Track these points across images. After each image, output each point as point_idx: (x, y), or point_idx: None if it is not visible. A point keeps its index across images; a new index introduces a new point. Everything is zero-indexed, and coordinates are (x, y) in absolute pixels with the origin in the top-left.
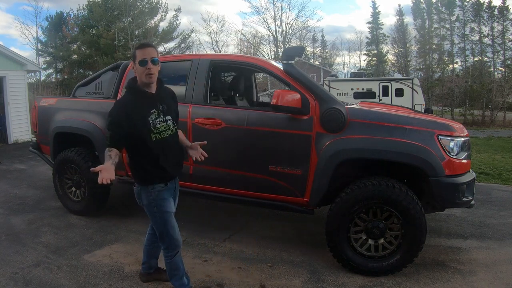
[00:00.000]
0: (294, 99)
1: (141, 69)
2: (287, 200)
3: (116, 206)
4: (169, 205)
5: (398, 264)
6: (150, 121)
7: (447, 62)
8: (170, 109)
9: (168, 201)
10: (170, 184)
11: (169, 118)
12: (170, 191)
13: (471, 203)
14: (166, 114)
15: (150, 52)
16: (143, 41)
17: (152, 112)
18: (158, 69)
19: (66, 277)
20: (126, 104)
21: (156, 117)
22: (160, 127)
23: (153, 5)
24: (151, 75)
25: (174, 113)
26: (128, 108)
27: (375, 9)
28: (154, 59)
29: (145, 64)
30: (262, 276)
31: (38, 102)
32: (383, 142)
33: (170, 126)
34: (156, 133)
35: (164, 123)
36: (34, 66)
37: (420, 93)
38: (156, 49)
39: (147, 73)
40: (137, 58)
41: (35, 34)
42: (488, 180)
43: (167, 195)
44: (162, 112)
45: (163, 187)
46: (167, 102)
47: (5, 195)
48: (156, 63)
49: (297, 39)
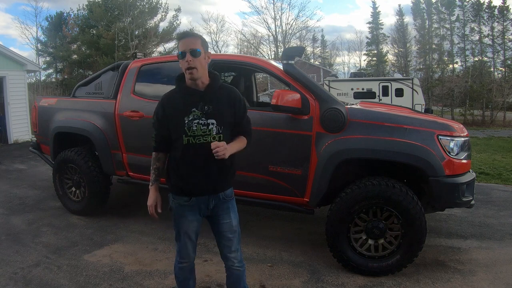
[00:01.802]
0: (294, 99)
1: (181, 62)
2: (287, 200)
3: (116, 206)
4: (184, 224)
5: (398, 264)
6: (185, 121)
7: (447, 62)
8: (219, 112)
9: (185, 220)
10: (197, 201)
11: (213, 122)
12: (193, 210)
13: (471, 203)
14: (210, 117)
15: (190, 43)
16: (185, 30)
17: (192, 111)
18: (202, 62)
19: (66, 277)
20: (167, 98)
21: (194, 118)
22: (196, 130)
23: (153, 5)
24: (192, 70)
25: (223, 118)
26: (166, 102)
27: (375, 9)
28: (194, 50)
29: (184, 56)
30: (262, 276)
31: (38, 102)
32: (383, 142)
33: (213, 132)
34: (189, 135)
35: (204, 127)
36: (34, 66)
37: (420, 93)
38: (199, 38)
39: (186, 67)
40: (178, 50)
41: (35, 34)
42: (488, 180)
43: (187, 213)
44: (205, 114)
45: (186, 202)
46: (216, 103)
47: (5, 195)
48: (197, 55)
49: (297, 39)
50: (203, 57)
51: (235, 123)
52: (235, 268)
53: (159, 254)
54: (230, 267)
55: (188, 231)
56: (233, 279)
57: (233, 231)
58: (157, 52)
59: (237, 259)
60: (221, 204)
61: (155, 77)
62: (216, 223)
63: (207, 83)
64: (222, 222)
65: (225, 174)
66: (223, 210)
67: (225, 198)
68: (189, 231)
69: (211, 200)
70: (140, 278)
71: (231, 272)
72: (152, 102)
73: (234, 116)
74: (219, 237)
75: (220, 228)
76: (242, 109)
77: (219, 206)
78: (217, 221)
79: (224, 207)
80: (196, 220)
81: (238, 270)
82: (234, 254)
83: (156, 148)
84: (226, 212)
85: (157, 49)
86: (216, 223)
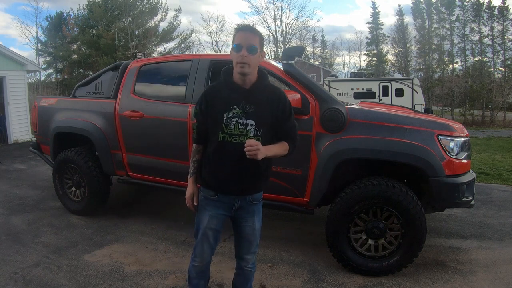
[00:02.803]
0: (294, 99)
1: (235, 55)
2: (287, 200)
3: (116, 206)
4: (204, 218)
5: (398, 264)
6: (224, 117)
7: (447, 62)
8: (260, 113)
9: (207, 213)
10: (223, 198)
11: (252, 124)
12: (217, 206)
13: (471, 203)
14: (249, 117)
15: (250, 38)
16: (246, 24)
17: (232, 108)
18: (256, 60)
19: (66, 277)
20: (210, 90)
21: (234, 115)
22: (233, 128)
23: (153, 5)
24: (244, 65)
25: (263, 120)
26: (210, 95)
27: (375, 9)
28: (252, 47)
29: (239, 50)
30: (262, 276)
31: (38, 102)
32: (383, 142)
33: (250, 133)
34: (226, 133)
35: (242, 127)
36: (34, 66)
37: (420, 93)
38: (259, 36)
39: (239, 61)
40: (234, 41)
41: (35, 34)
42: (488, 180)
43: (210, 207)
44: (245, 114)
45: (212, 196)
46: (259, 104)
47: (5, 195)
48: (254, 53)
49: (297, 39)
50: (258, 55)
51: (277, 126)
52: (247, 268)
53: (159, 254)
54: (243, 267)
55: (207, 227)
56: (242, 279)
57: (255, 234)
58: (157, 52)
59: (252, 261)
60: (246, 207)
61: (155, 77)
62: (239, 225)
63: (254, 81)
64: (245, 224)
65: (256, 178)
66: (248, 212)
67: (252, 201)
68: (207, 228)
69: (237, 201)
70: (140, 278)
71: (242, 271)
72: (152, 102)
73: (276, 118)
74: (239, 238)
75: (242, 229)
76: (287, 112)
77: (244, 208)
78: (240, 222)
79: (250, 209)
80: (217, 217)
81: (249, 271)
82: (250, 256)
83: (197, 140)
84: (251, 215)
85: (157, 49)
86: (239, 225)
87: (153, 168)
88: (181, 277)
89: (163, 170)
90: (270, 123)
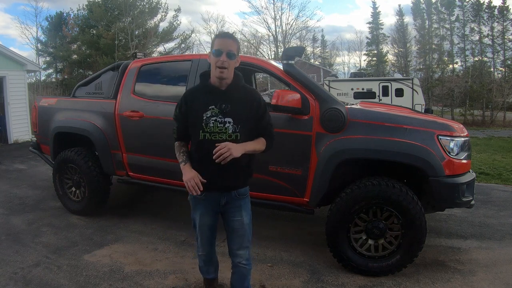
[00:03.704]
0: (294, 99)
1: (214, 59)
2: (287, 200)
3: (116, 206)
4: (196, 217)
5: (398, 264)
6: (204, 117)
7: (447, 62)
8: (236, 111)
9: (198, 212)
10: (209, 195)
11: (229, 121)
12: (205, 204)
13: (471, 203)
14: (227, 116)
15: (229, 44)
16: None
17: (210, 109)
18: (234, 65)
19: (66, 277)
20: (191, 93)
21: (212, 114)
22: (213, 127)
23: (153, 5)
24: (223, 70)
25: (240, 117)
26: (189, 97)
27: (375, 9)
28: (231, 52)
29: (219, 55)
30: (262, 276)
31: (38, 102)
32: (383, 142)
33: (229, 130)
34: (206, 131)
35: (221, 125)
36: (34, 66)
37: (420, 93)
38: (237, 43)
39: (219, 66)
40: (213, 46)
41: (35, 34)
42: (488, 180)
43: (199, 206)
44: (222, 112)
45: (199, 195)
46: (235, 103)
47: (5, 195)
48: (233, 58)
49: (297, 39)
50: (235, 60)
51: (254, 123)
52: (242, 265)
53: (159, 254)
54: (237, 264)
55: (201, 224)
56: (237, 277)
57: (244, 229)
58: (157, 52)
59: (245, 257)
60: (233, 202)
61: (155, 77)
62: (228, 219)
63: (230, 82)
64: (233, 219)
65: (239, 173)
66: (235, 207)
67: (238, 196)
68: (202, 225)
69: (223, 196)
70: (140, 278)
71: (237, 269)
72: (152, 102)
73: (252, 116)
74: (230, 233)
75: (230, 224)
76: (261, 110)
77: (231, 203)
78: (228, 217)
79: (236, 204)
80: (207, 214)
81: (244, 267)
82: (243, 252)
83: (177, 139)
84: (238, 209)
85: (157, 49)
86: (228, 219)
87: (153, 168)
88: (181, 277)
89: (163, 170)
90: (247, 120)
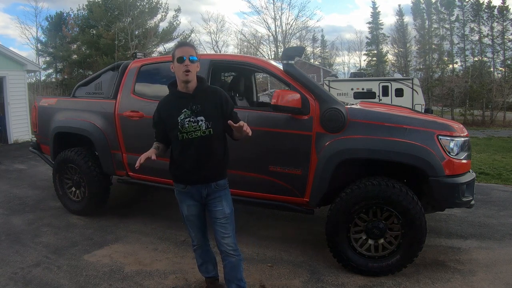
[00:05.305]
0: (294, 99)
1: (179, 66)
2: (287, 200)
3: (116, 206)
4: (184, 208)
5: (398, 264)
6: (179, 120)
7: (447, 62)
8: (206, 110)
9: (184, 204)
10: (191, 189)
11: (201, 119)
12: (189, 196)
13: (471, 203)
14: (199, 115)
15: (189, 51)
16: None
17: (183, 112)
18: (196, 68)
19: (66, 277)
20: (162, 103)
21: (186, 116)
22: (188, 127)
23: (153, 5)
24: (188, 73)
25: (210, 114)
26: (161, 108)
27: (375, 9)
28: (192, 57)
29: (182, 60)
30: (262, 276)
31: (38, 102)
32: (383, 142)
33: (202, 127)
34: (183, 132)
35: (195, 124)
36: (34, 66)
37: (420, 93)
38: (195, 49)
39: (184, 70)
40: (175, 56)
41: (34, 34)
42: (488, 180)
43: (184, 198)
44: (194, 113)
45: (182, 189)
46: (204, 102)
47: (5, 195)
48: (194, 62)
49: (297, 39)
50: (196, 64)
51: (224, 118)
52: (230, 254)
53: (159, 254)
54: (225, 253)
55: (188, 215)
56: (229, 268)
57: (226, 217)
58: (157, 52)
59: (231, 245)
60: (213, 193)
61: (155, 77)
62: (210, 210)
63: (195, 86)
64: (214, 209)
65: (217, 165)
66: (215, 198)
67: (217, 187)
68: (190, 215)
69: (204, 189)
70: (140, 278)
71: (227, 259)
72: (152, 102)
73: (221, 112)
74: (213, 223)
75: (213, 214)
76: (229, 105)
77: (211, 195)
78: (210, 208)
79: (216, 195)
80: (193, 205)
81: (233, 257)
82: (228, 240)
83: (157, 140)
84: (218, 200)
85: (157, 49)
86: (210, 210)
87: (153, 168)
88: (181, 277)
89: (163, 170)
90: (217, 117)
